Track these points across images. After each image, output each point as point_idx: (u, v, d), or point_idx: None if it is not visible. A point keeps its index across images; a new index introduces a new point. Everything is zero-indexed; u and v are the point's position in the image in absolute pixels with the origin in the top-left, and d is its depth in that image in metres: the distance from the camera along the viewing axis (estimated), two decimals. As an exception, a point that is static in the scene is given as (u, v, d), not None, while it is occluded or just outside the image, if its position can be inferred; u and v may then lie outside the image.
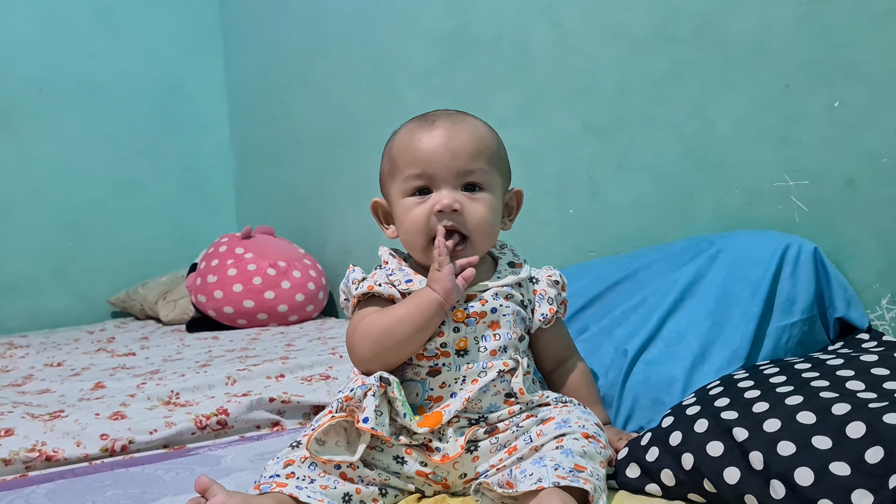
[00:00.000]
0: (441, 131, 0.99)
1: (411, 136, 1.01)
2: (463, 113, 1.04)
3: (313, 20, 2.65)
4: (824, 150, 1.24)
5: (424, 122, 1.01)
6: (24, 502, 1.03)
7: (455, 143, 0.98)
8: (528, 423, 0.95)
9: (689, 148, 1.45)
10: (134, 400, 1.45)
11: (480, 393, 0.95)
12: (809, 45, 1.25)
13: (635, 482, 0.92)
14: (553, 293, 1.07)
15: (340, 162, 2.57)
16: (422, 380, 0.98)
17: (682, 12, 1.44)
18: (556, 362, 1.09)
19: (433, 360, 0.98)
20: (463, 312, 0.99)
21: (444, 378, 0.97)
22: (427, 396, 0.97)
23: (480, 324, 0.99)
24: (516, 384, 0.96)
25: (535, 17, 1.75)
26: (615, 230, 1.60)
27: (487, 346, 0.98)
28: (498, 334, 0.99)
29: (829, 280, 1.18)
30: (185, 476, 1.11)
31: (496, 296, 1.01)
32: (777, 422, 0.83)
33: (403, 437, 0.93)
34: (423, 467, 0.93)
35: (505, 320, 1.00)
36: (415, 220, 0.99)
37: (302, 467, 0.89)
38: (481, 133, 1.01)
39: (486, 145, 1.00)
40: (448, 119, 1.01)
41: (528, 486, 0.82)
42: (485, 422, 0.95)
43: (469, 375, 0.97)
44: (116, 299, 2.94)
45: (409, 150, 1.00)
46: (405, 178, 1.00)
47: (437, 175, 0.98)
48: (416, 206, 0.99)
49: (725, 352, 1.10)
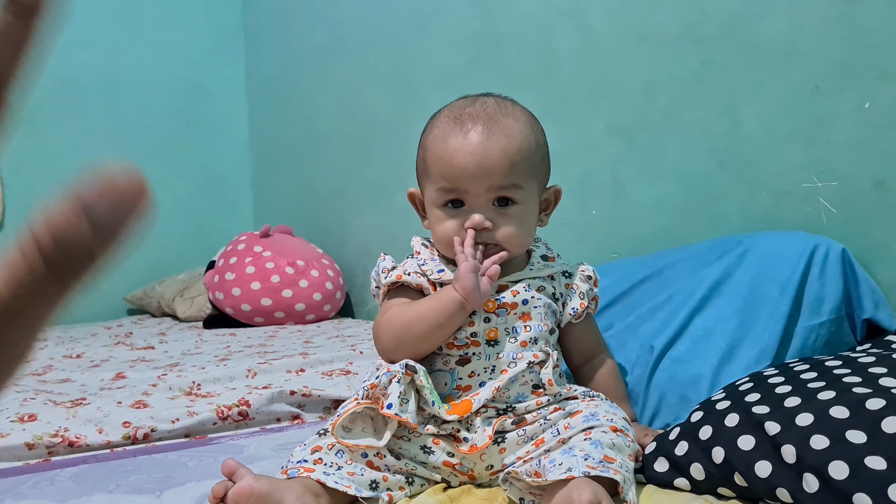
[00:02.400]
0: (475, 144, 0.95)
1: (445, 143, 0.97)
2: (501, 110, 0.99)
3: (336, 22, 2.66)
4: (853, 152, 1.23)
5: (460, 128, 0.97)
6: (48, 484, 1.04)
7: (488, 161, 0.95)
8: (556, 415, 0.94)
9: (715, 149, 1.44)
10: (156, 390, 1.45)
11: (509, 382, 0.95)
12: (840, 47, 1.24)
13: (664, 476, 0.91)
14: (585, 288, 1.06)
15: (360, 163, 2.58)
16: (450, 369, 0.98)
17: (711, 14, 1.44)
18: (584, 357, 1.09)
19: (463, 350, 0.97)
20: (494, 303, 0.98)
21: (474, 367, 0.97)
22: (456, 386, 0.97)
23: (511, 314, 0.99)
24: (545, 375, 0.96)
25: (561, 19, 1.76)
26: (639, 231, 1.60)
27: (518, 337, 0.98)
28: (529, 325, 0.99)
29: (857, 281, 1.17)
30: (208, 463, 1.11)
31: (528, 287, 1.01)
32: (810, 416, 0.82)
33: (431, 427, 0.93)
34: (450, 457, 0.93)
35: (536, 312, 1.00)
36: (445, 232, 0.99)
37: (329, 454, 0.89)
38: (517, 143, 0.96)
39: (523, 157, 0.97)
40: (484, 126, 0.96)
41: (557, 475, 0.81)
42: (512, 412, 0.94)
43: (499, 365, 0.96)
44: (133, 296, 2.95)
45: (440, 163, 0.97)
46: (437, 189, 0.99)
47: (469, 190, 0.97)
48: (447, 219, 0.99)
49: (753, 350, 1.09)
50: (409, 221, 2.39)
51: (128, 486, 1.01)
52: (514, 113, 1.00)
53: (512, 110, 1.00)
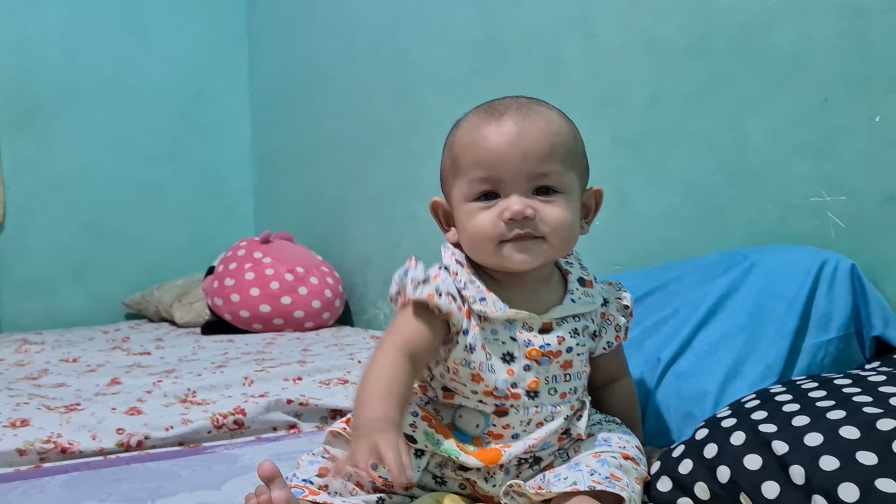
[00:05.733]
0: (510, 126, 0.86)
1: (476, 130, 0.88)
2: (535, 101, 0.91)
3: (341, 29, 2.65)
4: (863, 166, 1.21)
5: (491, 114, 0.88)
6: (38, 492, 1.02)
7: (526, 142, 0.85)
8: (567, 442, 0.92)
9: (722, 161, 1.42)
10: (150, 396, 1.44)
11: (543, 440, 0.89)
12: (850, 59, 1.23)
13: (667, 496, 0.89)
14: (622, 321, 0.99)
15: (363, 171, 2.56)
16: (486, 414, 0.89)
17: (719, 25, 1.42)
18: (606, 381, 1.03)
19: (501, 401, 0.88)
20: (538, 351, 0.88)
21: (510, 420, 0.88)
22: (488, 431, 0.89)
23: (554, 363, 0.89)
24: (579, 428, 0.90)
25: (567, 28, 1.74)
26: (643, 243, 1.58)
27: (558, 388, 0.90)
28: (569, 374, 0.91)
29: (866, 298, 1.15)
30: (201, 473, 1.09)
31: (575, 332, 0.91)
32: (819, 436, 0.80)
33: (447, 471, 0.89)
34: (462, 490, 0.91)
35: (578, 360, 0.92)
36: (480, 226, 0.87)
37: (336, 481, 0.85)
38: (556, 127, 0.88)
39: (562, 141, 0.88)
40: (518, 111, 0.87)
41: (562, 488, 0.79)
42: (534, 459, 0.90)
43: (536, 419, 0.89)
44: (131, 301, 2.94)
45: (473, 149, 0.87)
46: (469, 180, 0.88)
47: (506, 178, 0.86)
48: (482, 212, 0.87)
49: (759, 366, 1.07)
50: (410, 231, 2.37)
51: (119, 495, 1.00)
52: (549, 106, 0.92)
53: (546, 104, 0.93)
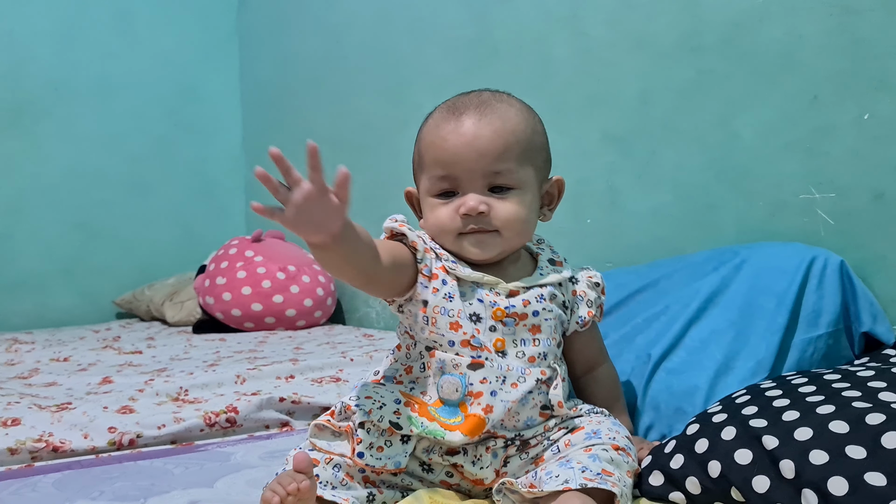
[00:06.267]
0: (467, 126, 0.92)
1: (437, 129, 0.94)
2: (495, 98, 0.96)
3: (331, 27, 2.65)
4: (852, 163, 1.22)
5: (452, 113, 0.94)
6: (30, 491, 1.01)
7: (480, 143, 0.91)
8: (558, 434, 0.92)
9: (712, 158, 1.43)
10: (142, 395, 1.43)
11: (520, 405, 0.90)
12: (839, 57, 1.24)
13: (658, 490, 0.89)
14: (593, 296, 1.02)
15: (354, 169, 2.50)
16: (461, 374, 0.91)
17: (709, 22, 1.43)
18: (587, 367, 1.04)
19: (476, 352, 0.91)
20: (503, 311, 0.92)
21: (486, 374, 0.90)
22: (468, 392, 0.91)
23: (520, 326, 0.93)
24: (555, 396, 0.92)
25: (557, 26, 1.75)
26: (634, 241, 1.59)
27: (526, 351, 0.93)
28: (538, 339, 0.94)
29: (855, 294, 1.16)
30: (194, 471, 1.09)
31: (541, 298, 0.95)
32: (808, 430, 0.81)
33: (434, 456, 0.90)
34: (449, 478, 0.91)
35: (546, 325, 0.94)
36: (440, 220, 0.94)
37: (327, 469, 0.86)
38: (511, 125, 0.93)
39: (517, 140, 0.93)
40: (477, 110, 0.93)
41: (554, 487, 0.80)
42: (519, 439, 0.91)
43: (509, 377, 0.91)
44: (122, 300, 2.93)
45: (433, 148, 0.94)
46: (430, 177, 0.95)
47: (462, 177, 0.92)
48: (442, 207, 0.94)
49: (750, 362, 1.08)
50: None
51: (112, 494, 0.99)
52: (510, 100, 0.97)
53: (508, 99, 0.97)
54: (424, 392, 0.93)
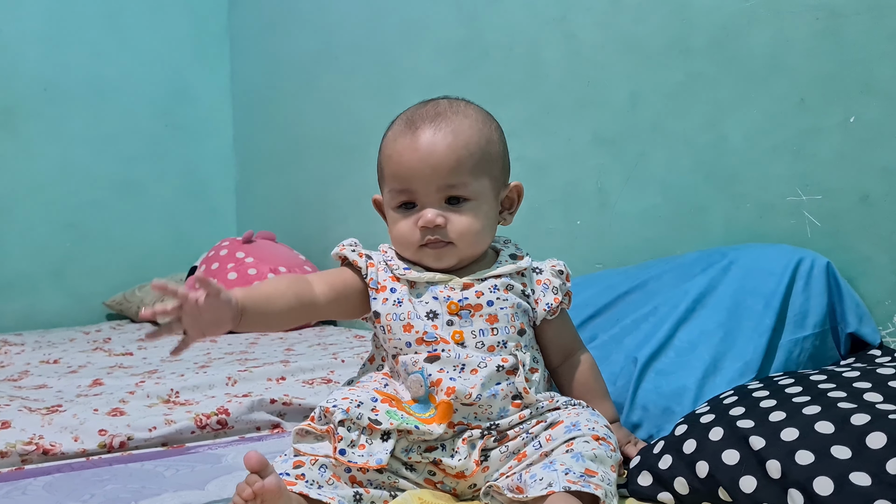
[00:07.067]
0: (421, 141, 0.96)
1: (394, 144, 0.98)
2: (452, 109, 0.99)
3: (322, 28, 2.65)
4: (839, 166, 1.24)
5: (408, 127, 0.98)
6: (20, 494, 1.01)
7: (434, 158, 0.95)
8: (538, 428, 0.93)
9: (701, 161, 1.44)
10: (133, 397, 1.43)
11: (490, 398, 0.92)
12: (826, 61, 1.25)
13: (647, 490, 0.90)
14: (557, 283, 1.04)
15: (345, 170, 2.56)
16: (420, 369, 0.93)
17: (698, 26, 1.44)
18: (562, 356, 1.06)
19: (432, 346, 0.94)
20: (456, 304, 0.96)
21: (442, 364, 0.93)
22: (430, 383, 0.93)
23: (476, 317, 0.96)
24: (520, 384, 0.94)
25: (547, 28, 1.75)
26: (623, 242, 1.60)
27: (485, 341, 0.95)
28: (496, 328, 0.96)
29: (841, 295, 1.17)
30: (185, 473, 1.09)
31: (494, 288, 0.98)
32: (795, 431, 0.82)
33: (414, 455, 0.91)
34: (432, 476, 0.92)
35: (503, 314, 0.97)
36: (400, 232, 0.99)
37: (313, 469, 0.87)
38: (464, 139, 0.96)
39: (470, 153, 0.96)
40: (432, 123, 0.96)
41: (538, 492, 0.80)
42: (496, 430, 0.92)
43: (468, 364, 0.93)
44: (113, 301, 2.92)
45: (390, 163, 0.98)
46: (389, 190, 0.99)
47: (419, 190, 0.96)
48: (402, 219, 0.99)
49: (737, 363, 1.09)
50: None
51: (102, 496, 0.99)
52: (466, 111, 0.99)
53: (464, 109, 0.99)
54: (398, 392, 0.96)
